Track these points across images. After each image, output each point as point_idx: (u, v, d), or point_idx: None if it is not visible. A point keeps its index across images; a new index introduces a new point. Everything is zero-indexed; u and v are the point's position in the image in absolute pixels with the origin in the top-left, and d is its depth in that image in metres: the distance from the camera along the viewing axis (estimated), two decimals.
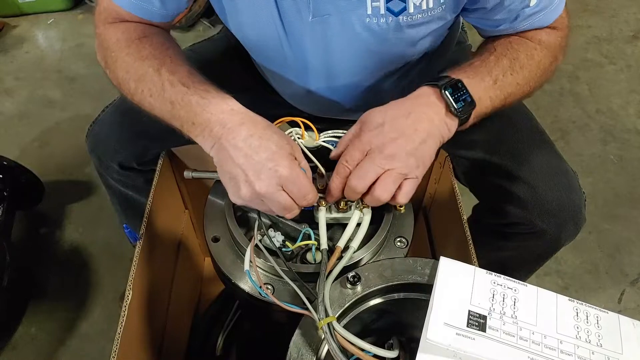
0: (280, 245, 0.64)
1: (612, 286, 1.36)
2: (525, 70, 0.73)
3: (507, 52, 0.73)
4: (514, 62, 0.72)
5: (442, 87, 0.65)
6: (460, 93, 0.66)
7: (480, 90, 0.68)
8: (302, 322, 0.56)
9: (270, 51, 0.80)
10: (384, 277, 0.59)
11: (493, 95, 0.70)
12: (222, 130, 0.61)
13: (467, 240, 0.75)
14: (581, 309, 0.56)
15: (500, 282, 0.58)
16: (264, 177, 0.58)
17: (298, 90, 0.87)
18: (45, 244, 1.44)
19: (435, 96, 0.66)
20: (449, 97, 0.65)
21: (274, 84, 0.94)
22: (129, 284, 0.71)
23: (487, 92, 0.69)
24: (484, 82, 0.69)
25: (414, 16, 0.68)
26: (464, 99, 0.66)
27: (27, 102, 1.86)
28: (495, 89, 0.70)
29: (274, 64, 0.85)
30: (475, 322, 0.54)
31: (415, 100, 0.66)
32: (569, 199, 0.81)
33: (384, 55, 0.77)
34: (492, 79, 0.70)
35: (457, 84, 0.66)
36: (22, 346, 1.23)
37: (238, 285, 0.63)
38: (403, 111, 0.64)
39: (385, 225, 0.65)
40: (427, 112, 0.65)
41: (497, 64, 0.71)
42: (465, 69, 0.70)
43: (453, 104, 0.65)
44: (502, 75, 0.70)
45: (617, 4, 2.30)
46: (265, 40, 0.76)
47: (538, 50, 0.75)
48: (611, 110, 1.82)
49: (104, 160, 0.90)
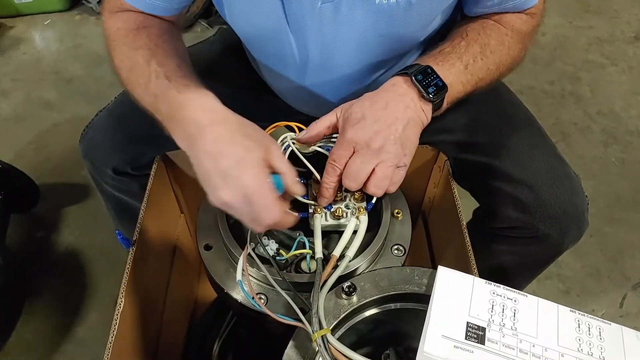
0: (274, 254, 0.62)
1: (613, 290, 1.35)
2: (496, 55, 0.74)
3: (478, 38, 0.74)
4: (484, 47, 0.73)
5: (412, 75, 0.66)
6: (430, 78, 0.67)
7: (451, 75, 0.69)
8: (296, 334, 0.54)
9: (270, 42, 0.78)
10: (380, 287, 0.57)
11: (464, 80, 0.71)
12: (194, 129, 0.59)
13: (466, 247, 0.74)
14: (583, 321, 0.54)
15: (500, 292, 0.56)
16: (228, 185, 0.55)
17: (296, 86, 0.85)
18: (40, 248, 1.43)
19: (407, 84, 0.67)
20: (420, 83, 0.66)
21: (272, 82, 0.92)
22: (121, 292, 0.70)
23: (458, 77, 0.71)
24: (454, 67, 0.70)
25: None
26: (435, 83, 0.67)
27: (23, 104, 1.85)
28: (466, 73, 0.71)
29: (272, 58, 0.83)
30: (474, 334, 0.52)
31: (389, 90, 0.67)
32: (572, 203, 0.80)
33: (392, 39, 0.75)
34: (463, 64, 0.71)
35: (426, 69, 0.68)
36: (16, 351, 1.22)
37: (230, 295, 0.62)
38: (380, 102, 0.65)
39: (382, 232, 0.64)
40: (402, 100, 0.66)
41: (467, 49, 0.72)
42: (435, 55, 0.72)
43: (424, 90, 0.66)
44: (473, 60, 0.72)
45: (619, 5, 2.28)
46: (265, 30, 0.74)
47: (509, 37, 0.76)
48: (613, 112, 1.81)
49: (97, 165, 0.89)
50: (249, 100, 0.95)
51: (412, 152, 0.66)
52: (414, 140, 0.66)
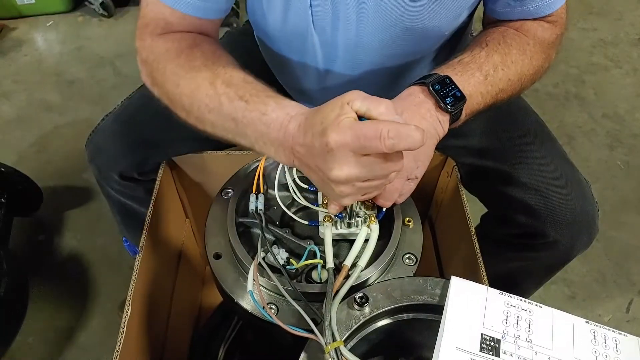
0: (284, 263, 0.62)
1: (620, 295, 1.34)
2: (518, 65, 0.71)
3: (498, 48, 0.71)
4: (505, 57, 0.71)
5: (429, 84, 0.64)
6: (448, 89, 0.65)
7: (470, 86, 0.67)
8: (308, 345, 0.54)
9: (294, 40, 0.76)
10: (392, 298, 0.57)
11: (484, 90, 0.69)
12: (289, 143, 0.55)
13: (475, 254, 0.73)
14: (599, 332, 0.54)
15: (514, 303, 0.55)
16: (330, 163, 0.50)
17: (315, 89, 0.84)
18: (43, 252, 1.42)
19: (424, 94, 0.64)
20: (437, 94, 0.63)
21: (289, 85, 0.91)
22: (128, 299, 0.70)
23: (477, 87, 0.68)
24: (474, 78, 0.68)
25: None
26: (453, 94, 0.65)
27: (25, 106, 1.84)
28: (486, 84, 0.69)
29: (294, 56, 0.82)
30: (489, 346, 0.51)
31: (405, 99, 0.65)
32: (582, 209, 0.79)
33: (418, 33, 0.73)
34: (483, 74, 0.68)
35: (444, 79, 0.65)
36: (19, 356, 1.21)
37: (240, 304, 0.61)
38: (402, 108, 0.63)
39: (393, 241, 0.63)
40: (418, 111, 0.63)
41: (487, 59, 0.70)
42: (454, 65, 0.69)
43: (441, 100, 0.63)
44: (493, 70, 0.69)
45: (623, 7, 2.27)
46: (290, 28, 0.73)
47: (531, 46, 0.73)
48: (617, 115, 1.80)
49: (103, 170, 0.88)
50: None
51: (425, 164, 0.64)
52: (428, 153, 0.64)
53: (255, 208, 0.65)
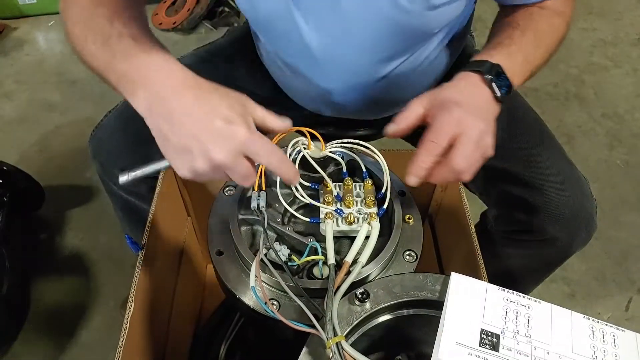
0: (286, 259, 0.62)
1: (619, 293, 1.35)
2: (548, 40, 0.74)
3: (529, 25, 0.73)
4: (537, 34, 0.72)
5: (485, 73, 0.65)
6: (501, 78, 0.66)
7: (515, 72, 0.68)
8: (310, 340, 0.54)
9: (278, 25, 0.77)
10: (393, 294, 0.57)
11: (526, 73, 0.70)
12: (166, 92, 0.55)
13: (475, 251, 0.74)
14: (597, 327, 0.54)
15: (513, 298, 0.56)
16: (221, 143, 0.52)
17: (305, 80, 0.85)
18: (45, 250, 1.43)
19: (483, 83, 0.65)
20: (494, 85, 0.64)
21: (281, 78, 0.92)
22: (130, 296, 0.70)
23: (519, 70, 0.69)
24: (517, 62, 0.69)
25: None
26: (506, 84, 0.66)
27: (27, 106, 1.85)
28: (525, 66, 0.70)
29: (282, 45, 0.82)
30: (488, 341, 0.52)
31: (470, 86, 0.65)
32: (581, 206, 0.80)
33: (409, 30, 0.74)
34: (523, 56, 0.70)
35: (497, 69, 0.66)
36: (21, 354, 1.22)
37: (243, 300, 0.61)
38: (469, 93, 0.64)
39: (394, 238, 0.64)
40: (483, 95, 0.65)
41: (523, 39, 0.71)
42: (500, 49, 0.69)
43: (498, 91, 0.65)
44: (531, 49, 0.71)
45: (622, 7, 2.28)
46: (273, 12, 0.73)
47: (556, 18, 0.75)
48: (617, 115, 1.81)
49: (106, 166, 0.89)
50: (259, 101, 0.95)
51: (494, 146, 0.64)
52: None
53: (257, 205, 0.65)
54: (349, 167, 0.71)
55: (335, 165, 0.72)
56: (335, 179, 0.70)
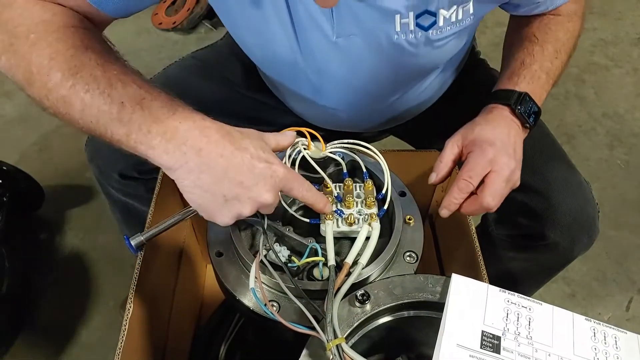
0: (286, 261, 0.62)
1: (619, 294, 1.35)
2: (567, 46, 0.75)
3: (547, 37, 0.74)
4: (556, 44, 0.74)
5: (514, 105, 0.68)
6: (529, 106, 0.69)
7: (540, 93, 0.71)
8: (310, 342, 0.54)
9: (283, 68, 0.78)
10: (394, 295, 0.57)
11: (547, 88, 0.73)
12: (201, 143, 0.51)
13: (476, 253, 0.74)
14: (598, 329, 0.54)
15: (514, 300, 0.56)
16: (267, 186, 0.54)
17: (309, 104, 0.85)
18: (45, 250, 1.43)
19: (512, 115, 0.69)
20: (522, 115, 0.68)
21: (282, 96, 0.92)
22: (129, 297, 0.70)
23: (543, 89, 0.72)
24: (540, 81, 0.72)
25: (444, 29, 0.67)
26: (534, 111, 0.70)
27: (27, 105, 1.84)
28: (548, 81, 0.73)
29: (285, 80, 0.83)
30: (489, 343, 0.52)
31: (501, 120, 0.68)
32: (583, 211, 0.79)
33: (412, 68, 0.75)
34: (545, 72, 0.72)
35: (525, 98, 0.69)
36: (21, 354, 1.22)
37: (242, 302, 0.61)
38: (499, 129, 0.67)
39: (394, 239, 0.63)
40: (514, 128, 0.68)
41: (543, 54, 0.73)
42: (523, 73, 0.72)
43: (528, 120, 0.69)
44: (551, 63, 0.73)
45: (623, 7, 2.28)
46: (278, 57, 0.74)
47: (571, 23, 0.77)
48: (618, 114, 1.80)
49: (104, 169, 0.88)
50: (257, 105, 0.95)
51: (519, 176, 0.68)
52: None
53: None
54: (349, 168, 0.71)
55: (336, 166, 0.72)
56: (336, 179, 0.70)
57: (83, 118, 0.54)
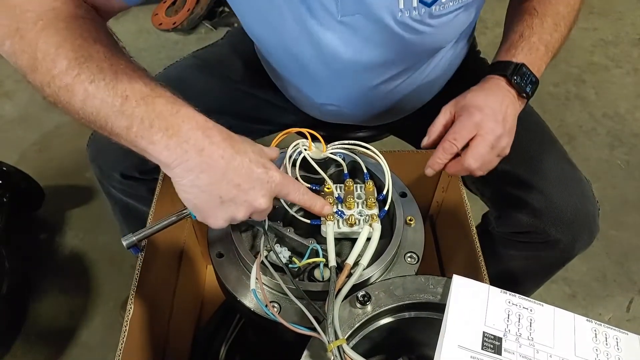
0: (286, 262, 0.62)
1: (620, 294, 1.35)
2: (567, 19, 0.76)
3: (547, 10, 0.75)
4: (556, 17, 0.74)
5: (510, 76, 0.69)
6: (526, 77, 0.70)
7: (538, 64, 0.72)
8: (311, 343, 0.54)
9: (289, 53, 0.77)
10: (395, 296, 0.57)
11: (546, 60, 0.74)
12: (204, 143, 0.51)
13: (476, 253, 0.73)
14: (600, 330, 0.54)
15: (516, 301, 0.56)
16: (263, 191, 0.54)
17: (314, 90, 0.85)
18: (45, 250, 1.42)
19: (508, 85, 0.70)
20: (519, 85, 0.69)
21: (284, 88, 0.92)
22: (130, 298, 0.70)
23: (542, 61, 0.73)
24: (539, 52, 0.72)
25: (447, 4, 0.67)
26: (531, 80, 0.71)
27: (27, 106, 1.84)
28: (547, 53, 0.73)
29: (290, 67, 0.83)
30: (490, 345, 0.52)
31: (496, 89, 0.69)
32: (583, 208, 0.79)
33: (418, 47, 0.75)
34: (543, 45, 0.73)
35: (522, 69, 0.70)
36: (21, 355, 1.22)
37: (243, 303, 0.61)
38: (494, 98, 0.68)
39: (395, 240, 0.63)
40: (508, 97, 0.69)
41: (542, 27, 0.73)
42: (521, 44, 0.73)
43: (523, 90, 0.70)
44: (550, 36, 0.73)
45: (623, 7, 2.28)
46: (284, 40, 0.74)
47: None
48: (618, 115, 1.80)
49: (105, 169, 0.88)
50: (258, 103, 0.95)
51: (510, 144, 0.70)
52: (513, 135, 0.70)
53: None
54: (349, 169, 0.70)
55: (336, 167, 0.72)
56: (336, 180, 0.70)
57: (84, 108, 0.54)
